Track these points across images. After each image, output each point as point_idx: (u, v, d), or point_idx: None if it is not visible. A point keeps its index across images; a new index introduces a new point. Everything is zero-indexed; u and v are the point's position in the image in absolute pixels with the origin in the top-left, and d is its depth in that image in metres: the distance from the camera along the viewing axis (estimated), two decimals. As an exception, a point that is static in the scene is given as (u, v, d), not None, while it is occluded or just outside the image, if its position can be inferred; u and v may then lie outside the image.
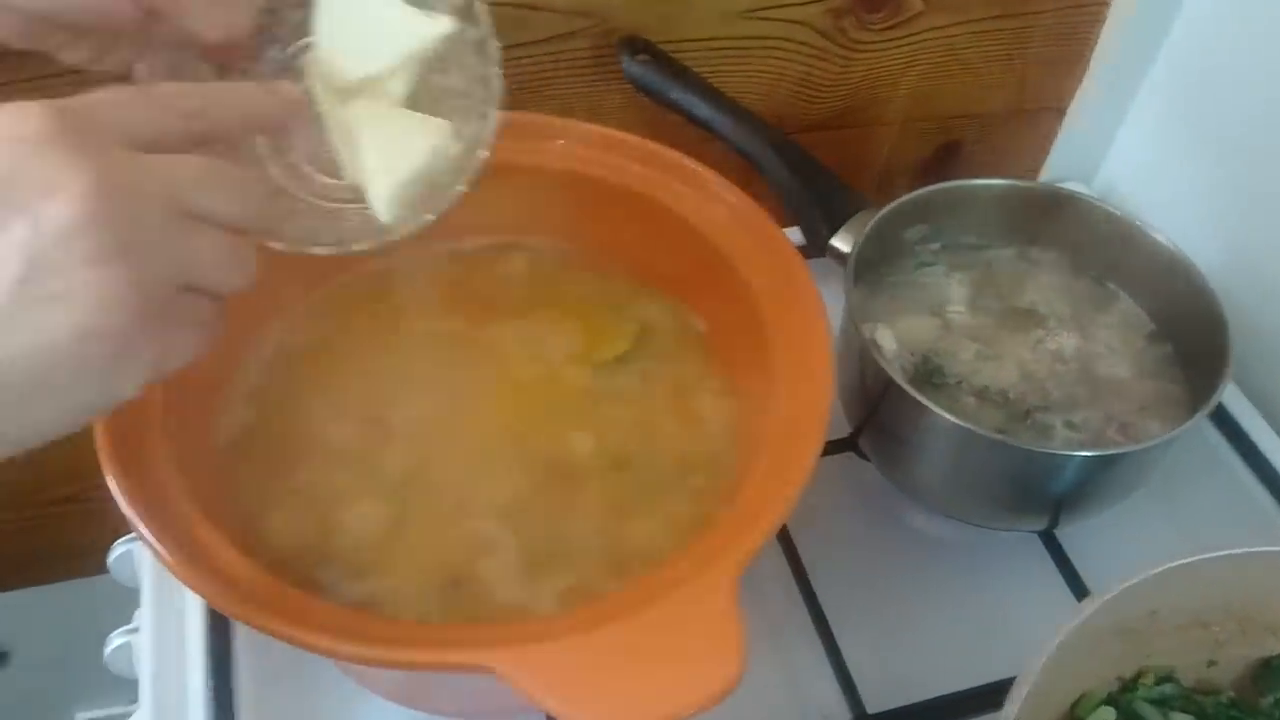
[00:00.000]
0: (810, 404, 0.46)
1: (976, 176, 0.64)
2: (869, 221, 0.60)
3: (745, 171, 0.63)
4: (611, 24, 0.67)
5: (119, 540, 0.64)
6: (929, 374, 0.59)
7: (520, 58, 0.67)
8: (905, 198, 0.62)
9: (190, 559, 0.39)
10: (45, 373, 0.30)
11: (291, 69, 0.41)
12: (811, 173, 0.67)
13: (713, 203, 0.53)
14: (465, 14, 0.41)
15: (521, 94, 0.69)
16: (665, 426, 0.51)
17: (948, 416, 0.52)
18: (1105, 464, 0.53)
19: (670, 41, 0.68)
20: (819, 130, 0.77)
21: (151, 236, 0.30)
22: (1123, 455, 0.53)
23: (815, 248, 0.65)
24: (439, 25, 0.40)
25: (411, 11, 0.40)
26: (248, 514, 0.46)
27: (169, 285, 0.31)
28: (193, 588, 0.39)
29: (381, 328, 0.54)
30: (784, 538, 0.58)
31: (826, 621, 0.55)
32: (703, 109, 0.67)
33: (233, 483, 0.47)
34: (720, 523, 0.43)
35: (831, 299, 0.52)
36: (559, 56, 0.68)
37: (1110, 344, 0.61)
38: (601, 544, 0.46)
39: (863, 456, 0.61)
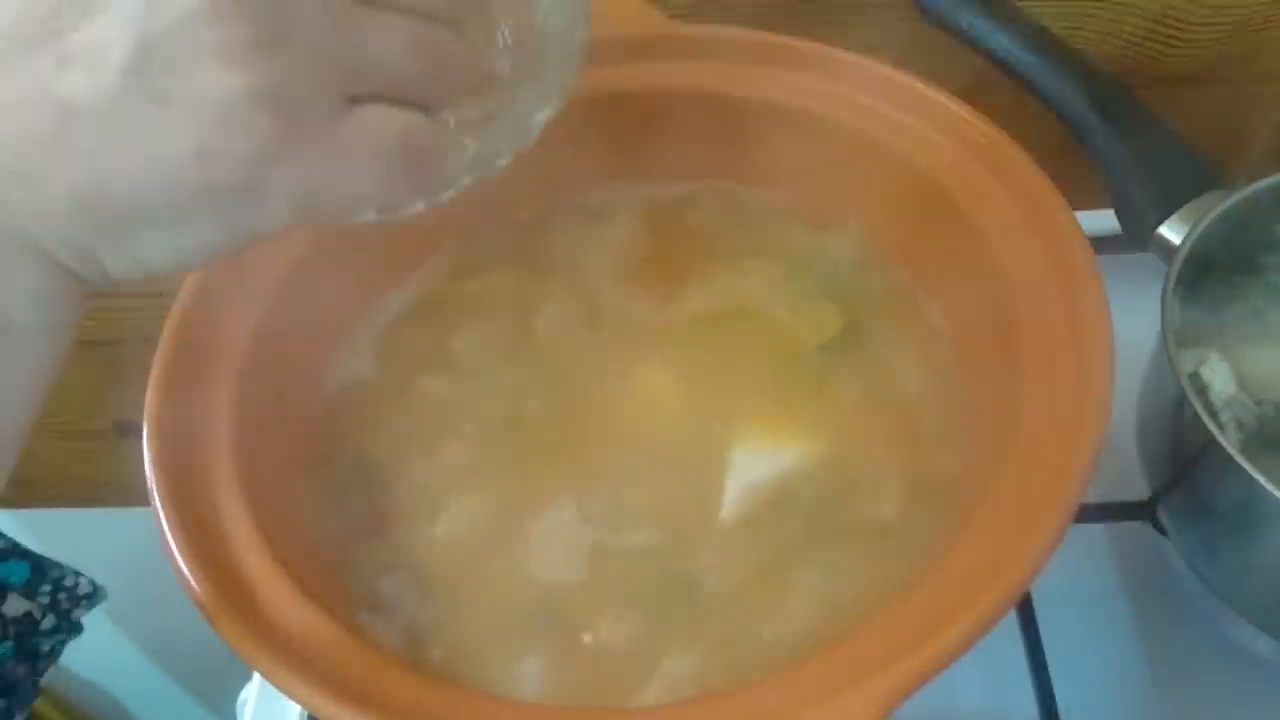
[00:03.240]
0: (1058, 461, 0.31)
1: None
2: (1218, 205, 0.43)
3: (1062, 146, 0.47)
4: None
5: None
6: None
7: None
8: (1281, 176, 0.43)
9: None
10: (154, 197, 0.23)
11: None
12: (1148, 137, 0.49)
13: (968, 155, 0.39)
14: None
15: (782, 16, 0.58)
16: (861, 460, 0.38)
17: (1297, 506, 0.34)
18: None
19: (981, -44, 0.54)
20: (1177, 86, 0.59)
21: (303, 27, 0.23)
22: None
23: (1136, 237, 0.47)
24: None
25: None
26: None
27: (329, 94, 0.24)
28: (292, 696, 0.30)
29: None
30: (1025, 612, 0.43)
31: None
32: (1006, 45, 0.50)
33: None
34: (886, 616, 0.30)
35: (1145, 310, 0.40)
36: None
37: None
38: (728, 614, 0.34)
39: (1160, 531, 0.44)
